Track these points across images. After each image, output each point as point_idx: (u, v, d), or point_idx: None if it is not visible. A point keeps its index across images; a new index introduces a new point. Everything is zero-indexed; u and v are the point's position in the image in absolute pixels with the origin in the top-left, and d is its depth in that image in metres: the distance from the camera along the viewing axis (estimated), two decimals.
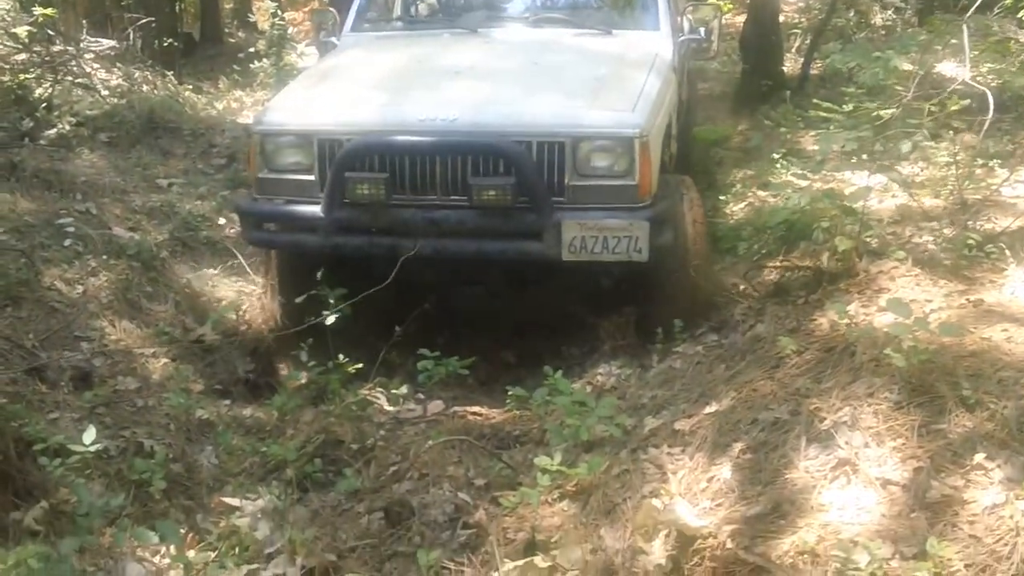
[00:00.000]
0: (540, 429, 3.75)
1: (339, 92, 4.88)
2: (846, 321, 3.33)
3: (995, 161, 5.37)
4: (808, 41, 9.75)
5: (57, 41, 8.37)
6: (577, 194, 4.26)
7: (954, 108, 4.39)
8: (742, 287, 4.83)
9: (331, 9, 6.73)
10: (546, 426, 3.53)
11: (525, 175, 4.19)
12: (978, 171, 5.08)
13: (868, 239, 4.10)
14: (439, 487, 3.40)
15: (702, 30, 5.59)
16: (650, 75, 4.77)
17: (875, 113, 4.59)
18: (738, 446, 2.95)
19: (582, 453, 3.28)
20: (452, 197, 4.32)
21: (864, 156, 4.97)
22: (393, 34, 5.86)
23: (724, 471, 2.88)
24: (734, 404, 3.18)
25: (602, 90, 4.58)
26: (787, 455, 2.82)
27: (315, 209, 4.42)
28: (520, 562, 2.84)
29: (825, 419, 2.87)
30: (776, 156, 6.48)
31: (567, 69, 4.93)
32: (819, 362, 3.23)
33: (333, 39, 5.74)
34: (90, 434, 3.14)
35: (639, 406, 3.54)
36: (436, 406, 4.36)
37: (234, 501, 3.31)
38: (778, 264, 4.74)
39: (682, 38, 5.49)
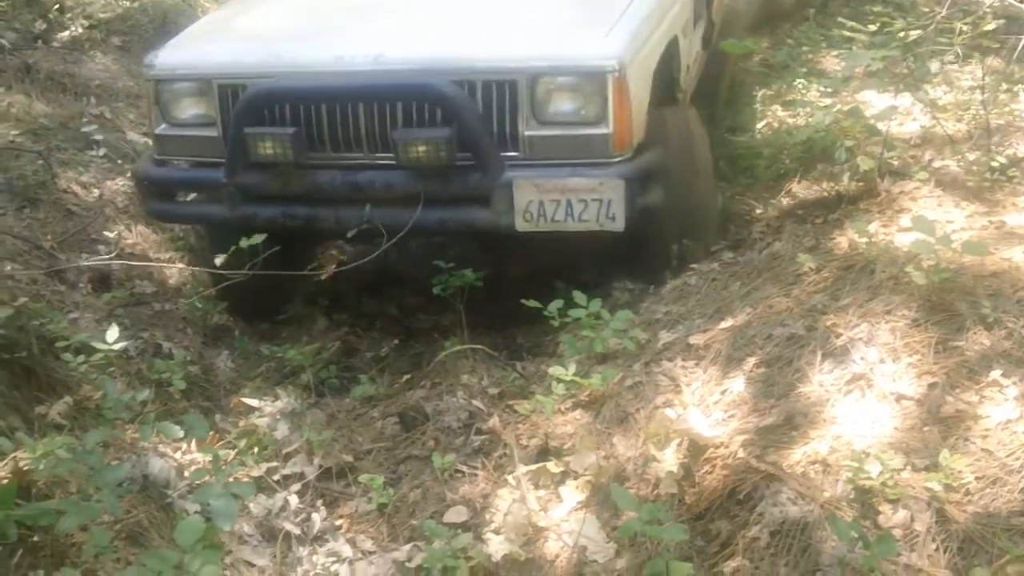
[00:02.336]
0: (554, 341, 3.77)
1: (251, 26, 4.07)
2: (866, 239, 3.31)
3: (1021, 87, 5.28)
4: None
5: None
6: (535, 147, 3.48)
7: (987, 28, 4.29)
8: (759, 210, 4.81)
9: None
10: (561, 338, 3.55)
11: (465, 124, 3.39)
12: (1002, 96, 5.01)
13: (890, 160, 4.06)
14: (453, 395, 3.43)
15: None
16: None
17: (902, 33, 4.50)
18: (752, 360, 2.96)
19: (596, 365, 3.31)
20: (379, 155, 3.56)
21: (887, 77, 4.91)
22: None
23: (737, 384, 2.90)
24: (749, 320, 3.19)
25: (572, 10, 3.78)
26: (801, 369, 2.84)
27: (219, 174, 3.69)
28: (534, 467, 2.90)
29: (841, 335, 2.88)
30: (797, 75, 6.38)
31: None
32: (837, 280, 3.22)
33: None
34: (113, 332, 3.19)
35: (653, 321, 3.55)
36: (449, 316, 4.39)
37: (253, 402, 3.36)
38: (797, 184, 4.71)
39: None
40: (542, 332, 3.95)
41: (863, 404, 2.70)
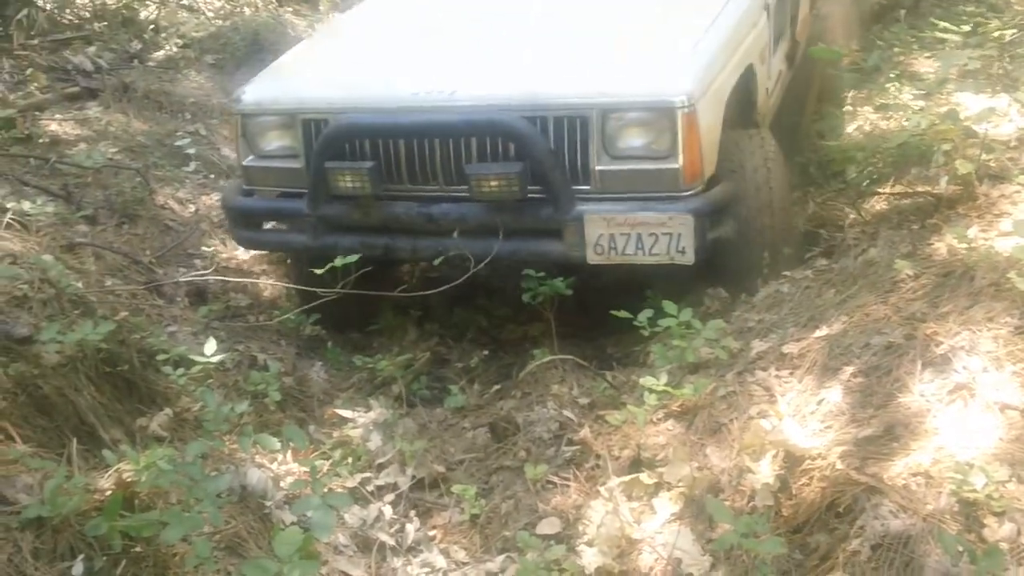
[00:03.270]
0: (644, 351, 3.74)
1: (333, 62, 4.23)
2: (965, 245, 3.22)
3: None
4: None
5: None
6: (606, 181, 3.52)
7: None
8: (851, 215, 4.71)
9: None
10: (651, 347, 3.53)
11: (537, 159, 3.46)
12: None
13: (988, 162, 3.94)
14: (543, 405, 3.44)
15: None
16: (718, 19, 3.91)
17: (998, 32, 4.37)
18: (849, 370, 2.90)
19: (687, 374, 3.28)
20: (454, 187, 3.65)
21: (980, 79, 4.76)
22: None
23: (834, 394, 2.84)
24: (845, 328, 3.12)
25: (643, 44, 3.78)
26: (900, 379, 2.77)
27: (302, 204, 3.84)
28: (626, 478, 2.88)
29: (941, 343, 2.80)
30: (889, 77, 6.24)
31: (606, 18, 4.11)
32: (936, 286, 3.13)
33: None
34: (211, 346, 3.27)
35: (745, 329, 3.50)
36: (538, 327, 4.40)
37: (346, 412, 3.42)
38: (891, 189, 4.60)
39: None
40: (632, 342, 3.93)
41: (966, 414, 2.62)
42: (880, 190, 4.71)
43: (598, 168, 3.53)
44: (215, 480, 2.31)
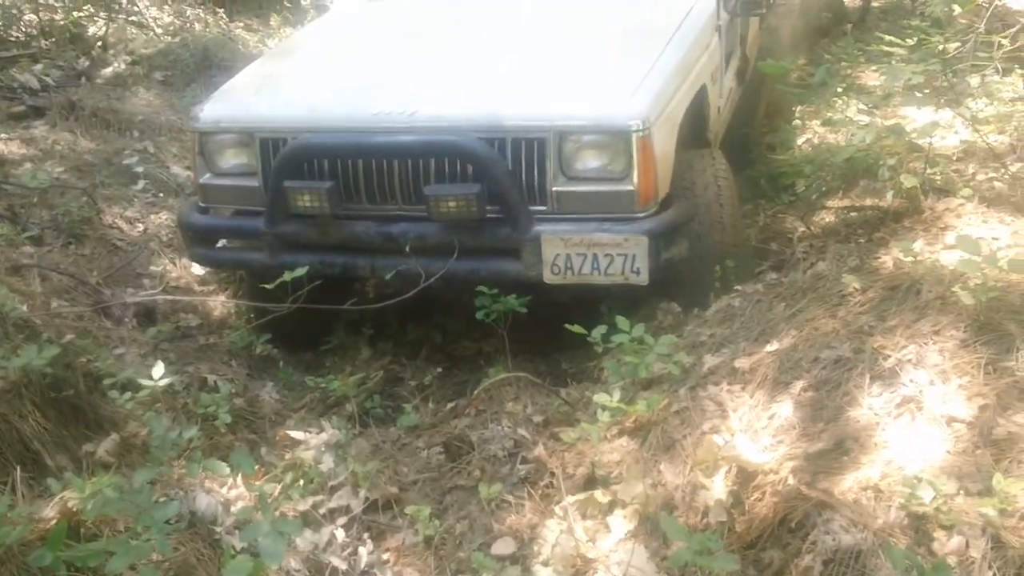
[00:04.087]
0: (598, 366, 3.75)
1: (291, 79, 4.21)
2: (911, 259, 3.26)
3: None
4: None
5: None
6: (563, 202, 3.58)
7: None
8: (801, 228, 4.77)
9: None
10: (604, 363, 3.53)
11: (495, 180, 3.50)
12: None
13: (933, 176, 4.01)
14: (497, 423, 3.43)
15: None
16: (672, 41, 3.98)
17: (942, 47, 4.45)
18: (799, 384, 2.92)
19: (640, 390, 3.28)
20: (413, 207, 3.67)
21: (927, 91, 4.85)
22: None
23: (785, 408, 2.86)
24: (795, 342, 3.15)
25: (600, 68, 3.85)
26: (850, 393, 2.80)
27: (259, 223, 3.84)
28: (581, 496, 2.87)
29: (889, 357, 2.83)
30: (837, 91, 6.33)
31: (564, 39, 4.15)
32: (883, 300, 3.18)
33: (327, 1, 5.23)
34: (159, 369, 3.21)
35: (698, 344, 3.52)
36: (492, 342, 4.39)
37: (298, 434, 3.37)
38: (839, 203, 4.67)
39: None
40: (586, 357, 3.94)
41: (914, 427, 2.65)
42: (829, 203, 4.78)
43: (555, 189, 3.58)
44: (163, 507, 2.27)
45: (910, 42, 4.97)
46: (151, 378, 3.27)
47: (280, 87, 4.13)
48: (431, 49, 4.24)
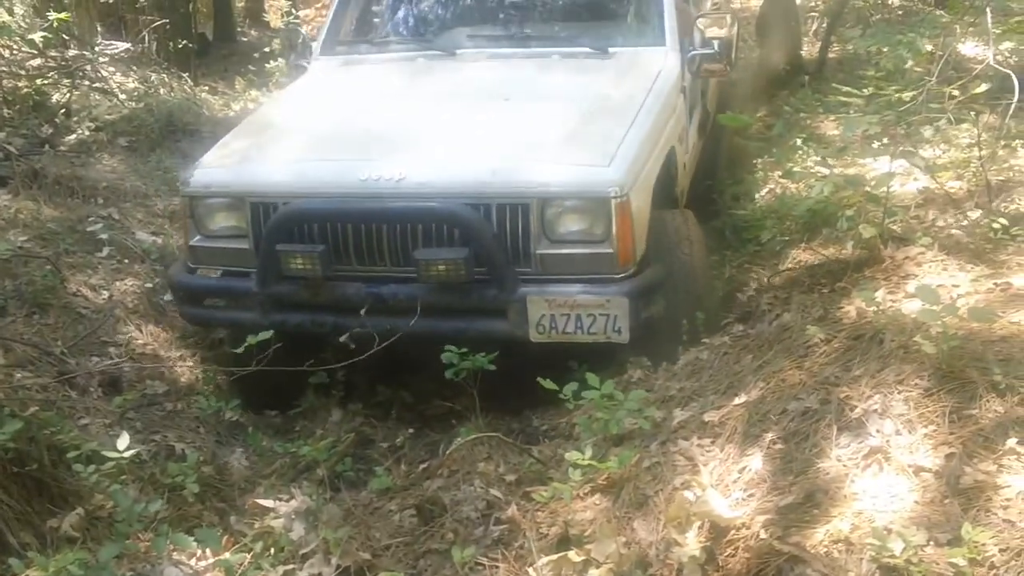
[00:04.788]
0: (569, 423, 3.75)
1: (278, 145, 4.27)
2: (873, 308, 3.31)
3: (1018, 142, 5.32)
4: (825, 24, 9.68)
5: (72, 46, 8.43)
6: (547, 264, 3.73)
7: (977, 91, 4.34)
8: (766, 279, 4.82)
9: (300, 27, 6.26)
10: (575, 420, 3.53)
11: (481, 244, 3.65)
12: (1000, 152, 5.04)
13: (892, 225, 4.08)
14: (470, 484, 3.41)
15: (716, 43, 4.76)
16: (644, 107, 4.17)
17: (896, 97, 4.55)
18: (769, 436, 2.94)
19: (612, 446, 3.29)
20: (402, 269, 3.80)
21: (885, 140, 4.95)
22: (363, 58, 5.21)
23: (755, 462, 2.88)
24: (763, 394, 3.17)
25: (578, 137, 3.97)
26: (818, 444, 2.82)
27: (250, 283, 3.96)
28: (554, 556, 2.85)
29: (856, 407, 2.86)
30: (796, 142, 6.45)
31: (543, 109, 4.27)
32: (847, 350, 3.21)
33: (303, 62, 5.28)
34: (124, 440, 3.17)
35: (667, 398, 3.53)
36: (463, 400, 4.37)
37: (267, 502, 3.33)
38: (801, 253, 4.72)
39: (692, 52, 4.77)
40: (557, 413, 3.95)
41: (882, 478, 2.67)
42: (792, 253, 4.84)
43: (539, 252, 3.73)
44: None
45: (866, 92, 5.08)
46: (116, 449, 3.23)
47: (268, 152, 4.21)
48: (414, 116, 4.34)
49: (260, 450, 4.00)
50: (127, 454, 3.16)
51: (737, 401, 3.23)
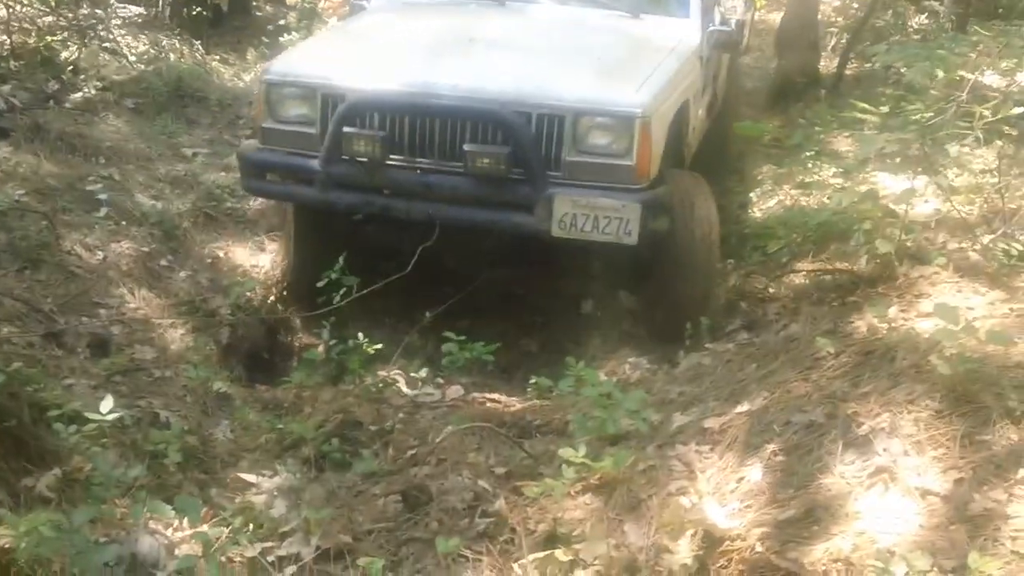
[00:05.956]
0: (562, 420, 3.67)
1: (349, 50, 4.92)
2: (886, 325, 3.23)
3: None
4: (845, 40, 9.60)
5: (85, 5, 8.32)
6: (573, 170, 4.21)
7: (1011, 112, 4.24)
8: (771, 288, 4.74)
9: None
10: (570, 417, 3.45)
11: (521, 146, 4.15)
12: (1014, 180, 4.96)
13: (907, 243, 4.00)
14: (458, 474, 3.32)
15: (733, 21, 5.47)
16: (667, 59, 4.75)
17: (921, 115, 4.46)
18: (770, 447, 2.86)
19: (607, 446, 3.20)
20: (448, 163, 4.29)
21: (898, 160, 4.87)
22: (421, 1, 5.74)
23: (755, 472, 2.79)
24: (767, 404, 3.09)
25: (612, 69, 4.55)
26: (822, 459, 2.73)
27: (313, 162, 4.42)
28: (541, 554, 2.77)
29: (863, 424, 2.78)
30: (809, 155, 6.37)
31: (582, 47, 4.89)
32: (857, 365, 3.13)
33: (363, 2, 5.71)
34: (108, 403, 3.08)
35: (667, 401, 3.46)
36: (455, 391, 4.30)
37: (250, 477, 3.25)
38: (811, 265, 4.64)
39: (711, 28, 5.37)
40: (551, 409, 3.86)
41: (887, 499, 2.59)
42: (800, 266, 4.75)
43: (568, 159, 4.20)
44: (101, 550, 2.14)
45: (884, 110, 5.00)
46: (99, 412, 3.14)
47: (339, 55, 4.83)
48: (467, 41, 4.86)
49: (246, 424, 3.90)
50: (110, 417, 3.07)
51: (739, 409, 3.15)
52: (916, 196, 4.56)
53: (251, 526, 2.97)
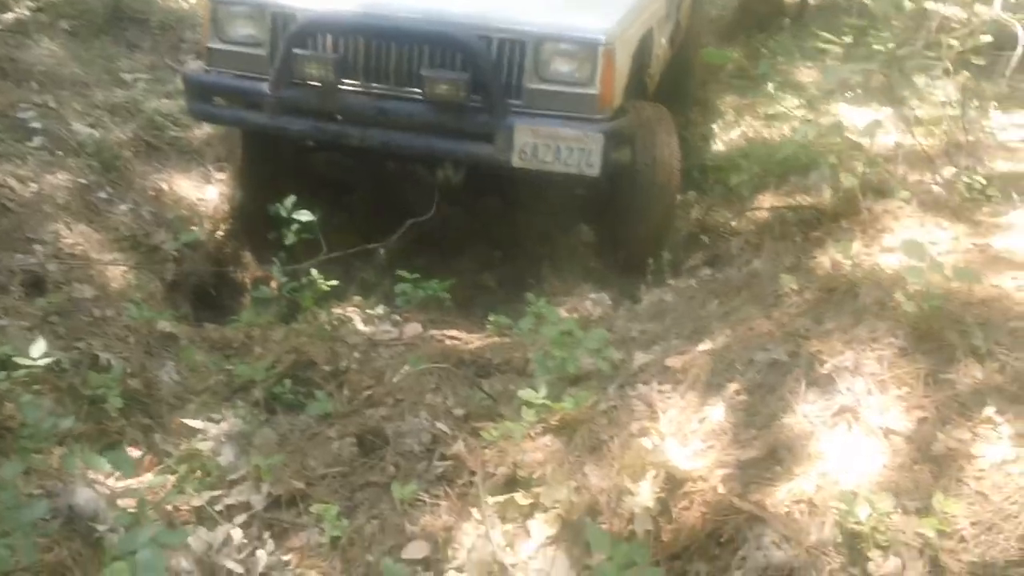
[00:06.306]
0: (523, 358, 3.58)
1: None
2: (849, 261, 3.16)
3: (992, 103, 5.16)
4: None
5: None
6: (535, 98, 4.10)
7: (978, 43, 4.14)
8: (733, 223, 4.66)
9: None
10: (530, 355, 3.35)
11: (481, 71, 4.02)
12: (972, 112, 4.88)
13: (870, 177, 3.92)
14: (415, 415, 3.22)
15: None
16: None
17: (885, 46, 4.35)
18: (732, 386, 2.79)
19: (567, 386, 3.11)
20: (405, 88, 4.18)
21: (861, 91, 4.79)
22: None
23: (717, 412, 2.72)
24: (729, 342, 3.02)
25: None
26: (784, 398, 2.67)
27: (263, 86, 4.25)
28: (501, 498, 2.70)
29: (826, 362, 2.71)
30: (772, 86, 6.26)
31: None
32: (820, 302, 3.06)
33: None
34: (39, 347, 2.90)
35: (628, 339, 3.37)
36: (413, 328, 4.18)
37: (196, 423, 3.12)
38: (773, 199, 4.56)
39: None
40: (511, 347, 3.77)
41: (850, 438, 2.54)
42: (762, 199, 4.67)
43: (529, 86, 4.09)
44: (32, 506, 2.01)
45: (847, 40, 4.89)
46: (31, 355, 2.96)
47: None
48: None
49: (193, 365, 3.75)
50: (42, 362, 2.90)
51: (701, 348, 3.08)
52: (880, 128, 4.48)
53: (198, 473, 2.86)
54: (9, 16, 6.48)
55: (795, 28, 7.52)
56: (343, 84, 4.17)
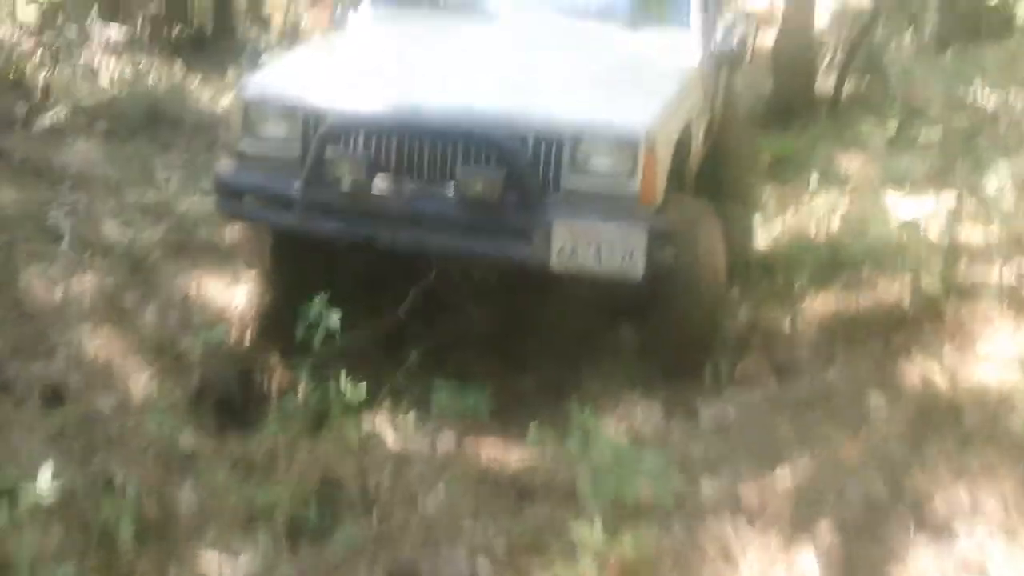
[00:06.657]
0: (568, 479, 3.24)
1: (333, 67, 4.68)
2: (945, 375, 2.81)
3: None
4: (840, 57, 9.31)
5: (67, 27, 8.00)
6: (572, 196, 3.97)
7: None
8: (790, 325, 4.34)
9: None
10: (579, 481, 3.01)
11: (517, 169, 3.91)
12: None
13: (952, 276, 3.59)
14: (453, 547, 2.89)
15: (735, 37, 5.22)
16: (670, 77, 4.58)
17: (939, 135, 4.09)
18: (824, 524, 2.43)
19: (625, 519, 2.75)
20: (438, 187, 4.05)
21: (914, 180, 4.53)
22: (411, 12, 5.45)
23: (807, 560, 2.36)
24: (811, 470, 2.67)
25: (612, 88, 4.35)
26: (889, 545, 2.30)
27: (294, 185, 4.13)
28: None
29: (934, 499, 2.35)
30: (814, 175, 6.01)
31: (580, 64, 4.67)
32: (913, 423, 2.72)
33: (351, 12, 5.41)
34: (46, 476, 2.63)
35: (690, 461, 3.02)
36: (447, 439, 3.89)
37: (212, 558, 2.80)
38: (830, 299, 4.24)
39: (714, 44, 5.15)
40: (555, 464, 3.43)
41: None
42: (820, 299, 4.36)
43: (567, 184, 3.96)
44: None
45: (892, 127, 4.67)
46: (44, 479, 2.68)
47: (322, 72, 4.57)
48: (459, 56, 4.73)
49: (213, 485, 3.45)
50: (49, 493, 2.62)
51: (779, 474, 2.72)
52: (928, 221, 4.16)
53: None
54: (47, 116, 6.47)
55: (830, 117, 7.32)
56: (374, 184, 4.06)
